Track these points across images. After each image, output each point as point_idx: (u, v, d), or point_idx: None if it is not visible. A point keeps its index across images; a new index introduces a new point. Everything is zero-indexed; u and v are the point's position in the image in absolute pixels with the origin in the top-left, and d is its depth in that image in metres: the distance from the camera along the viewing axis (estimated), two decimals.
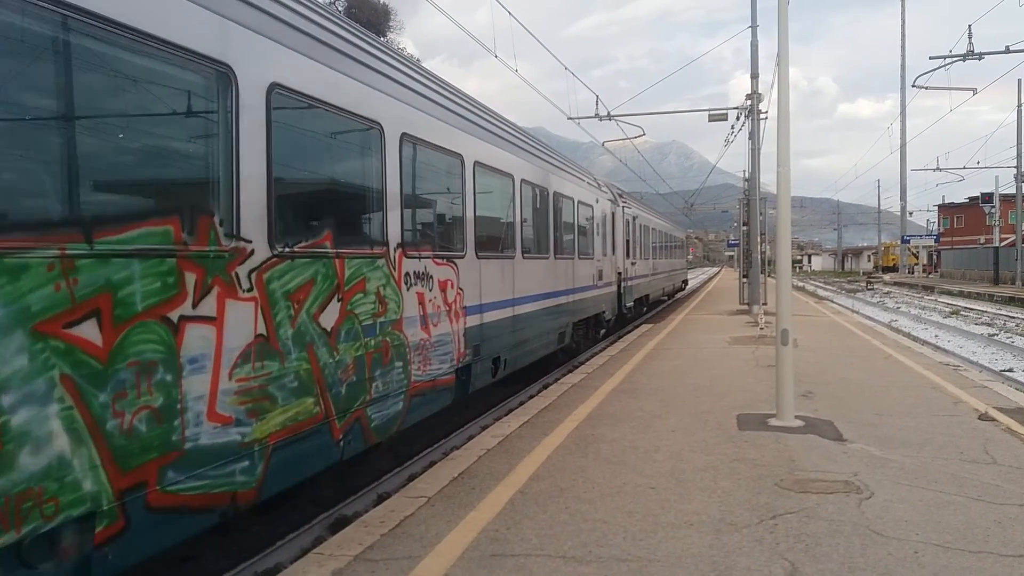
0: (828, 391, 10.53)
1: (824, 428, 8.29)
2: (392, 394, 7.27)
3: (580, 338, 17.03)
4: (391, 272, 7.25)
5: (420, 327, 7.93)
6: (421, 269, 7.97)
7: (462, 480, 6.63)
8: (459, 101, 9.73)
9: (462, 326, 9.15)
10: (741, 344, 16.54)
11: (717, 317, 24.77)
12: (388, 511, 5.86)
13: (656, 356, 14.81)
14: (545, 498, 6.06)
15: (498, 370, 10.69)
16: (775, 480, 6.43)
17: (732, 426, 8.47)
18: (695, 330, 20.27)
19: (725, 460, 7.09)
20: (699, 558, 4.82)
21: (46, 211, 3.79)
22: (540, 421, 8.95)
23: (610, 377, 12.12)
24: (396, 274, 7.35)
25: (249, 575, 5.66)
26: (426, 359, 8.07)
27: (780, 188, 8.72)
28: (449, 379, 8.77)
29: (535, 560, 4.84)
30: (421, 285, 7.95)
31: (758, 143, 25.88)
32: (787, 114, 8.72)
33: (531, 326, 12.39)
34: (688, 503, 5.89)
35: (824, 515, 5.57)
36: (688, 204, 61.23)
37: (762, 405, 9.48)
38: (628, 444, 7.75)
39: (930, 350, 17.69)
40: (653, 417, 9.02)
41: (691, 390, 10.82)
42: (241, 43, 5.10)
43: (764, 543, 5.05)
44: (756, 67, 25.23)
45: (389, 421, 7.24)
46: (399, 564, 4.82)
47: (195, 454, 4.57)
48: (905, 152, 74.61)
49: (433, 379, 8.29)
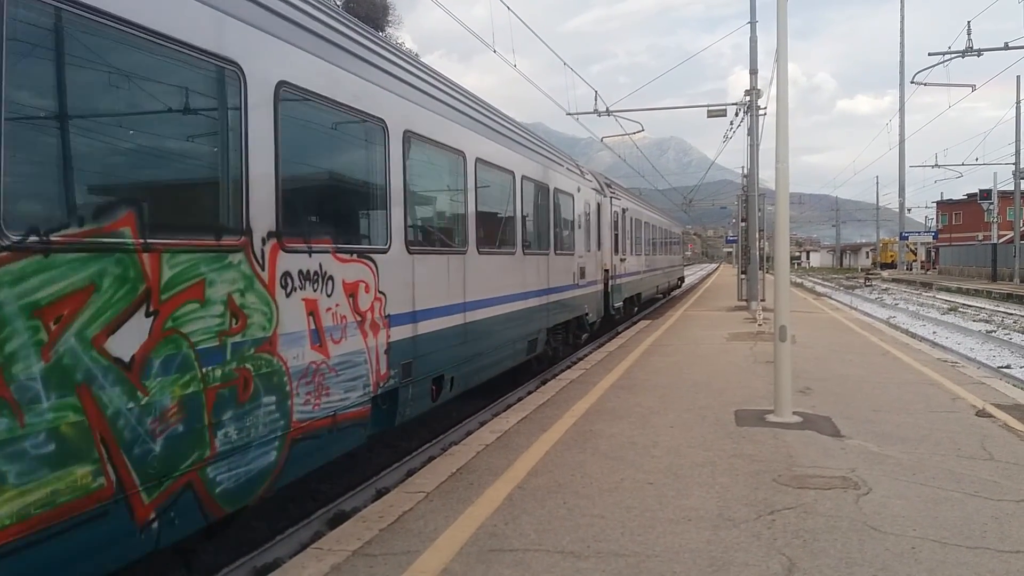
0: (826, 387, 10.55)
1: (822, 424, 8.30)
2: (257, 442, 5.27)
3: (559, 344, 15.49)
4: (255, 272, 5.28)
5: (310, 346, 5.94)
6: (312, 268, 6.00)
7: (460, 475, 6.64)
8: (381, 52, 7.76)
9: (383, 340, 7.18)
10: (739, 340, 16.55)
11: (715, 313, 24.79)
12: (387, 506, 5.87)
13: (654, 352, 14.82)
14: (543, 493, 6.07)
15: (441, 391, 8.80)
16: (773, 476, 6.44)
17: (730, 422, 8.49)
18: (693, 326, 20.28)
19: (723, 456, 7.10)
20: (697, 553, 4.84)
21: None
22: (538, 417, 8.96)
23: (608, 373, 12.13)
24: (265, 275, 5.39)
25: (248, 570, 5.66)
26: (320, 388, 6.08)
27: (779, 184, 8.72)
28: (361, 411, 6.80)
29: (533, 555, 4.85)
30: (312, 289, 5.99)
31: (757, 139, 25.86)
32: (786, 110, 8.71)
33: (491, 335, 10.49)
34: (686, 499, 5.90)
35: (822, 511, 5.58)
36: (687, 200, 61.21)
37: (760, 401, 9.50)
38: (626, 440, 7.76)
39: (928, 346, 17.72)
40: (651, 413, 9.03)
41: (689, 386, 10.83)
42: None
43: (762, 538, 5.07)
44: (755, 63, 25.21)
45: (252, 481, 5.26)
46: (397, 559, 4.83)
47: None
48: (904, 148, 74.78)
49: (333, 414, 6.28)
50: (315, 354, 6.01)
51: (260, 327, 5.31)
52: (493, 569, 4.64)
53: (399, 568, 4.70)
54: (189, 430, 4.62)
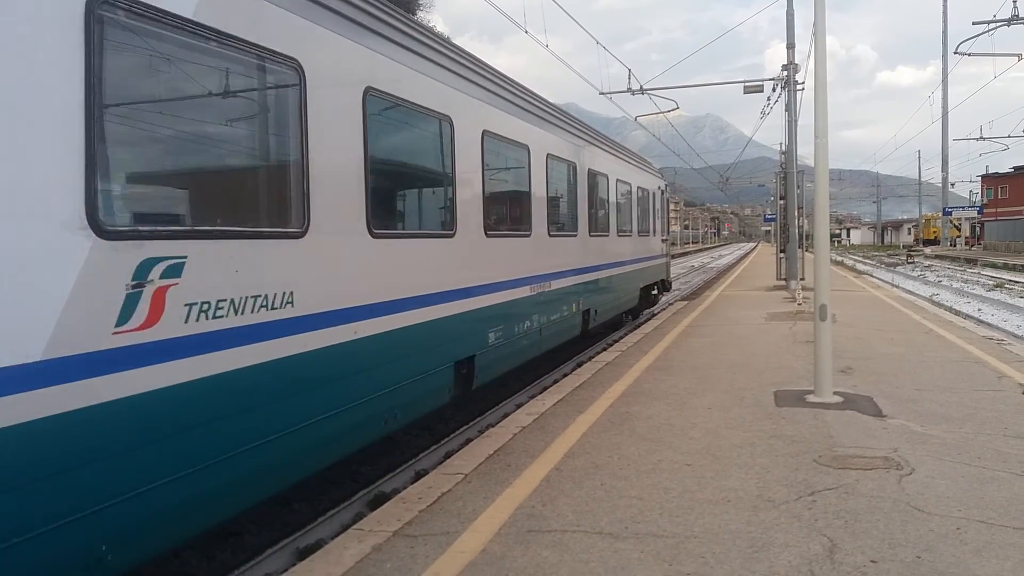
0: (867, 366, 10.38)
1: (863, 404, 8.18)
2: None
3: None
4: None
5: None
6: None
7: (498, 457, 6.68)
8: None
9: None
10: (778, 320, 16.35)
11: (753, 293, 24.50)
12: (426, 487, 5.93)
13: (691, 333, 14.71)
14: (581, 475, 6.08)
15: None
16: (813, 456, 6.37)
17: (769, 403, 8.41)
18: (731, 307, 20.08)
19: (762, 437, 7.04)
20: (736, 534, 4.81)
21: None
22: (574, 399, 8.97)
23: (645, 355, 12.08)
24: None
25: (291, 551, 5.78)
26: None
27: (818, 160, 8.56)
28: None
29: (571, 536, 4.87)
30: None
31: (795, 115, 25.45)
32: (824, 84, 8.53)
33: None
34: (725, 480, 5.87)
35: (863, 491, 5.51)
36: (724, 178, 60.45)
37: (800, 381, 9.38)
38: (664, 421, 7.73)
39: (973, 324, 17.32)
40: (689, 394, 8.98)
41: (727, 367, 10.74)
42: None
43: (802, 519, 5.02)
44: (792, 37, 24.75)
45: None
46: (437, 540, 4.89)
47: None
48: (947, 121, 72.67)
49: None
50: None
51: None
52: (532, 550, 4.68)
53: (439, 548, 4.75)
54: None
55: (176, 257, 4.19)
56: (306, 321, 5.30)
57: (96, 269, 3.72)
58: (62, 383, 3.53)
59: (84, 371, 3.64)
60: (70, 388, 3.58)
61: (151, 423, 4.04)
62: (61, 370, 3.51)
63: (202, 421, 4.38)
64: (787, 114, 25.67)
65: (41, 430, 3.45)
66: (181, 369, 4.20)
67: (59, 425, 3.52)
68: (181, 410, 4.21)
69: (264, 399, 4.90)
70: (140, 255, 3.99)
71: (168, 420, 4.15)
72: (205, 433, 4.43)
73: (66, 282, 3.59)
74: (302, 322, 5.25)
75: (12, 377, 3.31)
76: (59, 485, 3.58)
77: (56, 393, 3.51)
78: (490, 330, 8.93)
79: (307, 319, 5.31)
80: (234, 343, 4.58)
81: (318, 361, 5.46)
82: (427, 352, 7.36)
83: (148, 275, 4.01)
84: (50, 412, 3.48)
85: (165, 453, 4.15)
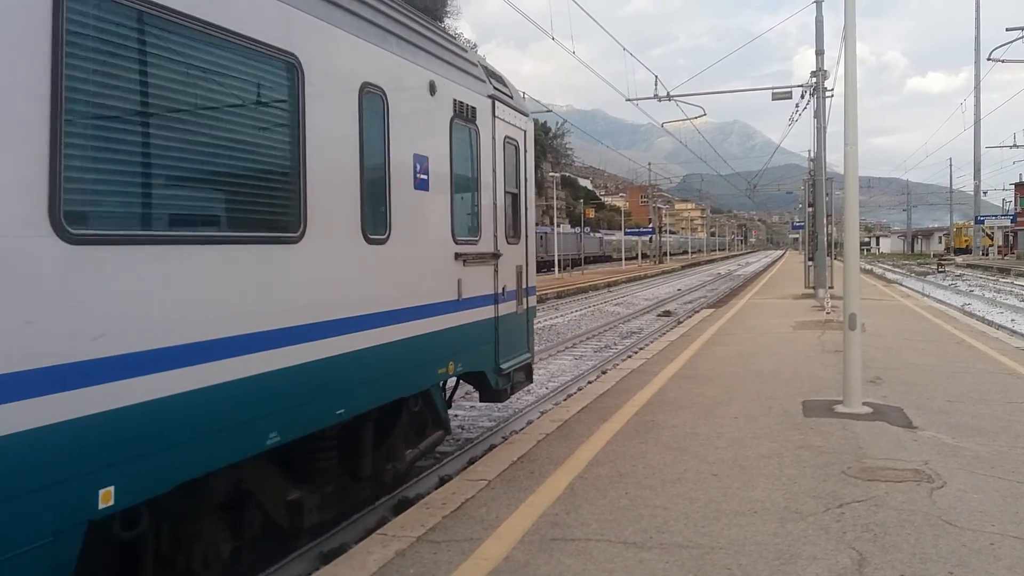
0: (897, 377, 10.22)
1: (893, 415, 8.05)
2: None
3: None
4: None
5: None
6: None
7: (521, 464, 6.66)
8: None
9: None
10: (806, 329, 16.17)
11: (781, 301, 24.26)
12: (449, 493, 5.93)
13: (718, 341, 14.59)
14: (605, 483, 6.04)
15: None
16: (842, 468, 6.28)
17: (797, 412, 8.30)
18: (758, 315, 19.89)
19: (790, 447, 6.95)
20: (763, 546, 4.75)
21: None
22: (599, 406, 8.92)
23: (670, 363, 11.99)
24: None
25: (315, 555, 5.80)
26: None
27: (847, 168, 8.47)
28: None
29: (595, 545, 4.84)
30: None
31: (823, 122, 25.26)
32: (854, 91, 8.44)
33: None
34: (751, 490, 5.80)
35: (893, 504, 5.42)
36: (751, 185, 60.02)
37: (828, 391, 9.26)
38: (689, 430, 7.66)
39: (1006, 335, 16.99)
40: (715, 403, 8.90)
41: (754, 376, 10.63)
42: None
43: (830, 532, 4.95)
44: (821, 43, 24.58)
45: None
46: (460, 546, 4.88)
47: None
48: (979, 128, 71.62)
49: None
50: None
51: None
52: (555, 558, 4.65)
53: (462, 555, 4.74)
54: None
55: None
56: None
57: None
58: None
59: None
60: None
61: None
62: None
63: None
64: (815, 121, 25.46)
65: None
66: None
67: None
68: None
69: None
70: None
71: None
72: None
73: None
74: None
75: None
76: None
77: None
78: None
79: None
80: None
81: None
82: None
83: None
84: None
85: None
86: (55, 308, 3.32)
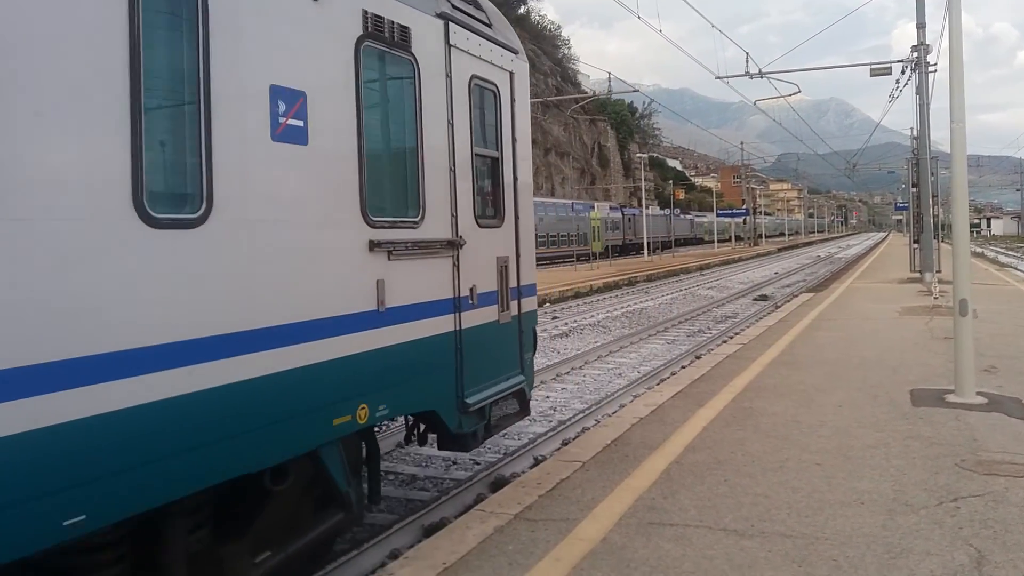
0: (1014, 366, 9.67)
1: (1011, 406, 7.62)
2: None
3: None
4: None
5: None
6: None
7: (615, 447, 6.64)
8: None
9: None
10: (913, 315, 15.46)
11: (885, 286, 23.29)
12: (544, 473, 5.97)
13: (818, 327, 14.12)
14: (702, 469, 5.96)
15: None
16: (955, 460, 5.99)
17: (905, 402, 7.96)
18: (861, 299, 19.15)
19: (897, 437, 6.67)
20: (871, 539, 4.59)
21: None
22: (694, 392, 8.79)
23: (768, 348, 11.68)
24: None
25: (417, 528, 5.95)
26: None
27: (954, 145, 8.04)
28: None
29: (694, 531, 4.78)
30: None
31: (927, 98, 24.12)
32: (960, 65, 7.98)
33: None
34: (857, 481, 5.60)
35: (1015, 500, 5.13)
36: (850, 165, 57.66)
37: (938, 380, 8.84)
38: (790, 418, 7.46)
39: None
40: (816, 391, 8.62)
41: (858, 363, 10.24)
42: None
43: (944, 527, 4.73)
44: (923, 16, 23.41)
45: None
46: (557, 525, 4.91)
47: None
48: None
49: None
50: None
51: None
52: (653, 542, 4.62)
53: (559, 534, 4.77)
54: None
55: None
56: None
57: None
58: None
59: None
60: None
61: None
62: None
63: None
64: (918, 97, 24.32)
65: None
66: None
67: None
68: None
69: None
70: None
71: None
72: None
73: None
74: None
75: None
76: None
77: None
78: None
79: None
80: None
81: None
82: None
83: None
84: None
85: None
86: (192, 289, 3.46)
